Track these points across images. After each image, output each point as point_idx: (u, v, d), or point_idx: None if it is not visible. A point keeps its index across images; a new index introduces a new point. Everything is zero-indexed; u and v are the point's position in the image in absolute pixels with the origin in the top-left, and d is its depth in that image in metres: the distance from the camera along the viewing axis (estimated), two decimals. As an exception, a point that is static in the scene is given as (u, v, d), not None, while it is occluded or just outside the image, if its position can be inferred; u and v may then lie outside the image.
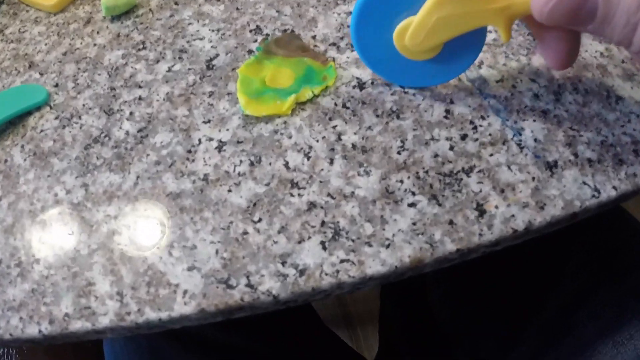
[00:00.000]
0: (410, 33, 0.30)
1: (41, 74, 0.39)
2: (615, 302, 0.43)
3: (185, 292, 0.30)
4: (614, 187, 0.31)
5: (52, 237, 0.32)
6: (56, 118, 0.37)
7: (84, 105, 0.37)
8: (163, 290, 0.30)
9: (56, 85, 0.38)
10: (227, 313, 0.30)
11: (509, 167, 0.32)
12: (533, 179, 0.32)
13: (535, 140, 0.33)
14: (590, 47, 0.37)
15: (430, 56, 0.32)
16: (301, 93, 0.34)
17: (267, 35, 0.38)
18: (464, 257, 0.31)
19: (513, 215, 0.31)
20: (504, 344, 0.47)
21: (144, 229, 0.32)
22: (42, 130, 0.36)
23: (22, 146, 0.36)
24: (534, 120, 0.34)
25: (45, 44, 0.41)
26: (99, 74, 0.38)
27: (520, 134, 0.33)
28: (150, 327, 0.31)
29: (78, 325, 0.30)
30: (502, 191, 0.31)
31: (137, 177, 0.33)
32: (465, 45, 0.31)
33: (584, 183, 0.31)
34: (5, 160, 0.36)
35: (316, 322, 0.58)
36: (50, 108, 0.37)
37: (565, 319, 0.45)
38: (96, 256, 0.32)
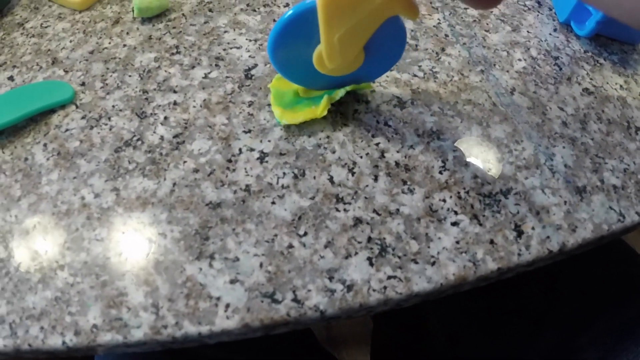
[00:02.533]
0: (326, 59, 0.30)
1: (66, 72, 0.37)
2: (616, 329, 0.44)
3: (227, 305, 0.29)
4: (637, 213, 0.33)
5: (79, 243, 0.31)
6: (83, 118, 0.35)
7: (113, 106, 0.35)
8: (203, 304, 0.29)
9: (82, 84, 0.36)
10: (270, 328, 0.29)
11: (542, 191, 0.33)
12: (565, 202, 0.33)
13: (565, 165, 0.34)
14: (611, 80, 0.39)
15: (359, 65, 0.32)
16: (334, 94, 0.34)
17: None
18: (501, 276, 0.32)
19: (548, 237, 0.31)
20: None
21: (182, 239, 0.30)
22: (67, 130, 0.35)
23: (45, 145, 0.34)
24: (564, 147, 0.35)
25: (70, 41, 0.39)
26: (130, 76, 0.37)
27: (552, 159, 0.34)
28: (187, 342, 0.29)
29: (107, 337, 0.29)
30: (538, 213, 0.32)
31: (174, 184, 0.32)
32: (388, 41, 0.31)
33: (610, 208, 0.33)
34: (26, 159, 0.34)
35: (312, 341, 0.57)
36: (77, 107, 0.36)
37: (566, 344, 0.45)
38: (128, 265, 0.30)
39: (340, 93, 0.34)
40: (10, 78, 0.38)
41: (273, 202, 0.31)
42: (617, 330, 0.44)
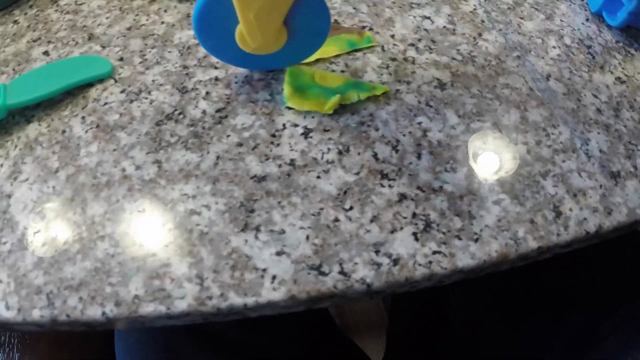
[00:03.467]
0: (247, 37, 0.31)
1: (103, 47, 0.37)
2: (636, 317, 0.44)
3: (274, 277, 0.28)
4: (670, 200, 0.33)
5: (120, 214, 0.30)
6: (122, 92, 0.35)
7: (153, 81, 0.35)
8: (249, 275, 0.29)
9: (121, 59, 0.36)
10: (316, 301, 0.29)
11: (579, 174, 0.33)
12: (600, 186, 0.33)
13: (600, 151, 0.34)
14: (643, 69, 0.39)
15: (283, 43, 0.32)
16: (347, 95, 0.34)
17: None
18: (540, 255, 0.32)
19: (585, 219, 0.31)
20: (529, 354, 0.48)
21: (227, 211, 0.30)
22: (106, 103, 0.34)
23: (83, 118, 0.34)
24: (598, 133, 0.35)
25: (107, 18, 0.39)
26: (169, 52, 0.36)
27: (587, 144, 0.35)
28: (231, 314, 0.29)
29: (150, 308, 0.28)
30: (575, 195, 0.32)
31: (217, 157, 0.32)
32: (309, 18, 0.31)
33: (644, 194, 0.33)
34: (63, 131, 0.34)
35: (330, 323, 0.56)
36: (115, 81, 0.35)
37: (588, 332, 0.45)
38: (172, 236, 0.30)
39: (352, 97, 0.34)
40: (46, 53, 0.37)
41: (318, 177, 0.31)
42: (638, 319, 0.44)
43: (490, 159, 0.33)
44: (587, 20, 0.41)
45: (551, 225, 0.31)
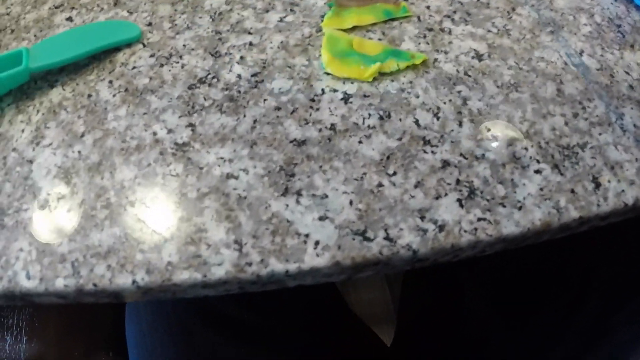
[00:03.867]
0: None
1: (130, 12, 0.36)
2: None
3: (317, 243, 0.27)
4: None
5: (151, 178, 0.29)
6: (152, 56, 0.33)
7: (184, 45, 0.34)
8: (291, 240, 0.27)
9: (149, 24, 0.35)
10: (360, 268, 0.28)
11: (615, 147, 0.33)
12: (636, 159, 0.32)
13: (635, 125, 0.34)
14: (672, 51, 0.39)
15: None
16: (386, 63, 0.33)
17: None
18: (580, 226, 0.31)
19: (623, 190, 0.31)
20: (541, 345, 0.47)
21: (266, 175, 0.29)
22: (134, 67, 0.33)
23: (110, 82, 0.33)
24: (632, 108, 0.35)
25: (133, -17, 0.37)
26: (200, 17, 0.35)
27: (622, 119, 0.34)
28: (271, 281, 0.27)
29: (184, 276, 0.27)
30: (612, 168, 0.32)
31: (255, 121, 0.31)
32: None
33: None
34: (89, 95, 0.32)
35: (343, 307, 0.55)
36: (144, 46, 0.34)
37: (602, 323, 0.45)
38: (207, 200, 0.28)
39: (392, 66, 0.33)
40: (69, 19, 0.36)
41: (360, 142, 0.30)
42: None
43: (530, 128, 0.32)
44: (616, 0, 0.41)
45: (591, 196, 0.30)
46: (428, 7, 0.37)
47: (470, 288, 0.54)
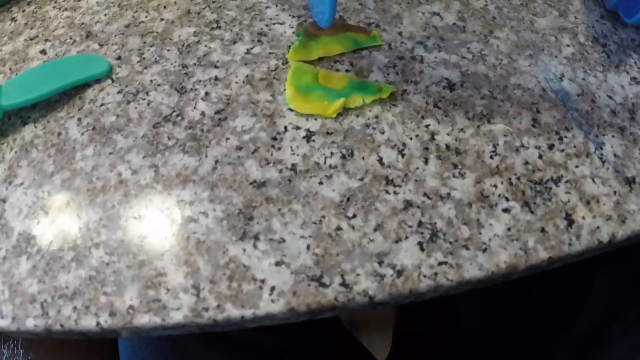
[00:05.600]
0: None
1: (101, 45, 0.36)
2: None
3: (272, 288, 0.27)
4: (689, 207, 0.31)
5: (115, 221, 0.29)
6: (119, 92, 0.34)
7: (151, 81, 0.34)
8: (247, 286, 0.27)
9: (118, 58, 0.35)
10: (317, 313, 0.28)
11: (593, 180, 0.32)
12: (614, 192, 0.31)
13: (615, 155, 0.33)
14: (660, 71, 0.38)
15: None
16: (352, 98, 0.32)
17: (304, 20, 0.37)
18: (551, 265, 0.31)
19: (598, 227, 0.30)
20: (536, 356, 0.47)
21: (225, 218, 0.29)
22: (102, 104, 0.33)
23: (79, 119, 0.33)
24: (613, 136, 0.34)
25: (105, 15, 0.38)
26: (168, 50, 0.35)
27: (602, 148, 0.33)
28: (228, 325, 0.28)
29: (145, 319, 0.27)
30: (588, 202, 0.31)
31: (216, 162, 0.31)
32: None
33: (661, 201, 0.31)
34: (59, 133, 0.33)
35: (338, 325, 0.56)
36: (113, 81, 0.34)
37: (598, 334, 0.44)
38: (168, 244, 0.29)
39: (357, 101, 0.32)
40: (43, 52, 0.36)
41: (320, 183, 0.30)
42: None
43: (500, 163, 0.31)
44: (602, 17, 0.40)
45: (563, 235, 0.30)
46: (400, 34, 0.36)
47: (465, 297, 0.54)
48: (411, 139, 0.32)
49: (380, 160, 0.31)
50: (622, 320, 0.43)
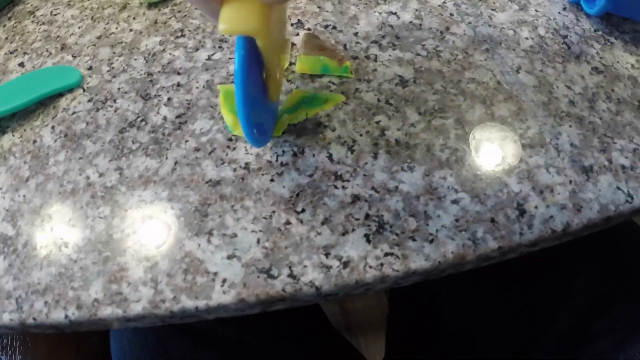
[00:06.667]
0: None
1: (74, 57, 0.38)
2: (631, 317, 0.43)
3: (224, 280, 0.29)
4: (648, 195, 0.32)
5: (83, 220, 0.31)
6: (89, 101, 0.36)
7: (119, 89, 0.36)
8: (201, 278, 0.29)
9: (90, 68, 0.37)
10: (267, 304, 0.29)
11: (547, 170, 0.32)
12: (570, 182, 0.32)
13: (572, 144, 0.33)
14: (622, 59, 0.38)
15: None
16: (295, 114, 0.33)
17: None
18: (503, 255, 0.31)
19: (552, 216, 0.31)
20: (522, 354, 0.47)
21: (182, 216, 0.31)
22: (74, 112, 0.36)
23: (53, 127, 0.35)
24: (570, 126, 0.34)
25: (79, 27, 0.40)
26: (136, 59, 0.37)
27: (558, 138, 0.34)
28: (185, 316, 0.29)
29: (108, 311, 0.29)
30: (541, 192, 0.32)
31: (175, 163, 0.32)
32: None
33: (618, 188, 0.32)
34: (34, 141, 0.35)
35: (325, 324, 0.57)
36: (84, 90, 0.36)
37: (581, 332, 0.44)
38: (130, 241, 0.31)
39: (300, 116, 0.33)
40: (21, 64, 0.39)
41: (272, 180, 0.31)
42: (632, 318, 0.43)
43: (451, 156, 0.32)
44: (564, 9, 0.40)
45: (514, 225, 0.31)
46: (356, 34, 0.37)
47: (448, 296, 0.54)
48: (361, 135, 0.33)
49: (330, 157, 0.32)
50: (605, 318, 0.43)
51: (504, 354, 0.49)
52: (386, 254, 0.29)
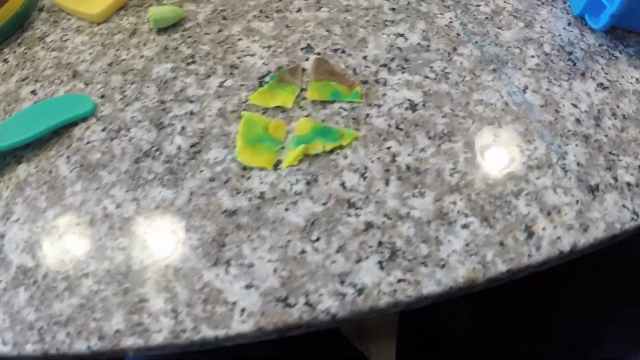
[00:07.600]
0: None
1: (86, 84, 0.39)
2: (635, 322, 0.44)
3: (243, 310, 0.30)
4: (653, 212, 0.32)
5: (102, 252, 0.32)
6: (103, 130, 0.36)
7: (132, 117, 0.36)
8: (220, 308, 0.30)
9: (102, 97, 0.38)
10: (284, 331, 0.30)
11: (554, 190, 0.33)
12: (577, 201, 0.32)
13: (578, 164, 0.34)
14: (627, 73, 0.38)
15: None
16: (312, 145, 0.34)
17: (281, 67, 0.38)
18: (512, 276, 0.32)
19: (559, 237, 0.31)
20: (529, 357, 0.48)
21: (199, 246, 0.31)
22: (88, 142, 0.36)
23: (68, 157, 0.36)
24: (576, 145, 0.35)
25: (90, 54, 0.40)
26: (148, 87, 0.38)
27: (564, 158, 0.34)
28: (205, 345, 0.30)
29: (130, 342, 0.30)
30: (549, 213, 0.32)
31: (191, 193, 0.33)
32: None
33: (624, 206, 0.32)
34: (50, 171, 0.35)
35: (337, 334, 0.58)
36: (97, 119, 0.37)
37: (587, 339, 0.45)
38: (149, 272, 0.31)
39: (317, 148, 0.33)
40: (33, 92, 0.39)
41: (287, 209, 0.32)
42: (636, 324, 0.44)
43: (460, 180, 0.33)
44: (569, 24, 0.41)
45: (522, 247, 0.31)
46: (365, 58, 0.38)
47: (449, 308, 0.55)
48: (373, 162, 0.34)
49: (342, 185, 0.33)
50: (610, 324, 0.44)
51: (512, 358, 0.49)
52: (399, 280, 0.30)
